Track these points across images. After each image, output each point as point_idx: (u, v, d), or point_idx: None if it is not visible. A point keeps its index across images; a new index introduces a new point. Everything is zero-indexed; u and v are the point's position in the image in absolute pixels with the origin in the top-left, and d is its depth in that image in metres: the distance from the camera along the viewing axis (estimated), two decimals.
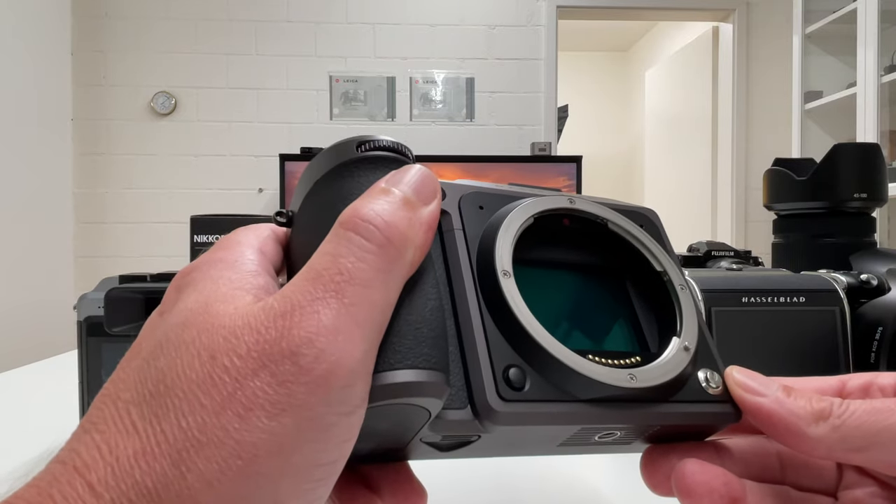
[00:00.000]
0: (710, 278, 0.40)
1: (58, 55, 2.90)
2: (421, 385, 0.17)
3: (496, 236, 0.20)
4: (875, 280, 0.42)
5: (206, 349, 0.16)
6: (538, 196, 0.22)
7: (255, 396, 0.15)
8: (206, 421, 0.15)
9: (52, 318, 2.45)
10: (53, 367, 0.72)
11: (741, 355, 0.38)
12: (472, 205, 0.21)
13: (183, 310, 0.18)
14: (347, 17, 3.33)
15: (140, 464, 0.15)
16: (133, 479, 0.15)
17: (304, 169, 0.21)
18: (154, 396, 0.16)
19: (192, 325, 0.17)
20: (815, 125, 3.07)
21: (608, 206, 0.23)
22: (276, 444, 0.15)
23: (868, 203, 0.68)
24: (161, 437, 0.15)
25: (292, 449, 0.15)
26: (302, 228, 0.20)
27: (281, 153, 3.07)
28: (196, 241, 0.95)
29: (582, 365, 0.19)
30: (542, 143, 3.25)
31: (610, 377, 0.19)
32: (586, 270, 0.23)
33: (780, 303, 0.38)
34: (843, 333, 0.38)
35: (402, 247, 0.17)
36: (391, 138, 0.20)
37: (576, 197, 0.23)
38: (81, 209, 3.19)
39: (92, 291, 0.38)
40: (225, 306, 0.17)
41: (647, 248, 0.23)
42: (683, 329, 0.22)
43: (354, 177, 0.19)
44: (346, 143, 0.20)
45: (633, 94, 5.55)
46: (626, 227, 0.23)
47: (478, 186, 0.22)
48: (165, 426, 0.15)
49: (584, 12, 3.55)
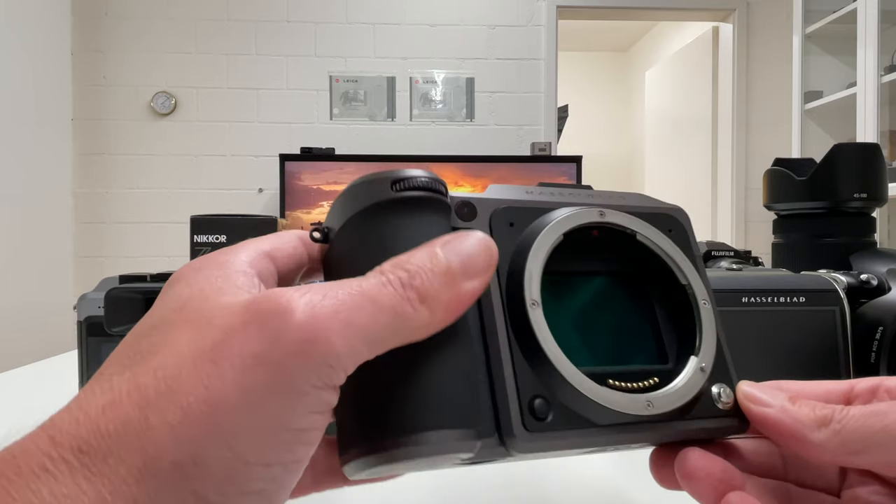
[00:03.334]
0: (710, 278, 0.40)
1: (58, 55, 2.90)
2: (457, 444, 0.18)
3: (525, 262, 0.21)
4: (875, 280, 0.42)
5: (203, 317, 0.17)
6: (569, 208, 0.22)
7: (236, 347, 0.16)
8: (181, 370, 0.16)
9: (52, 318, 2.45)
10: (53, 367, 0.72)
11: (741, 355, 0.38)
12: (503, 223, 0.21)
13: (178, 295, 0.18)
14: (347, 17, 3.33)
15: (107, 413, 0.16)
16: (96, 425, 0.15)
17: (341, 194, 0.21)
18: (138, 359, 0.17)
19: (189, 307, 0.18)
20: (815, 125, 3.06)
21: (638, 212, 0.24)
22: (244, 397, 0.15)
23: (868, 203, 0.68)
24: (133, 387, 0.16)
25: (259, 404, 0.15)
26: (338, 260, 0.21)
27: (281, 153, 3.07)
28: (196, 241, 0.95)
29: (601, 395, 0.20)
30: (542, 143, 3.25)
31: (628, 406, 0.20)
32: (614, 279, 0.23)
33: (780, 303, 0.38)
34: (843, 333, 0.38)
35: (426, 313, 0.17)
36: (425, 174, 0.20)
37: (606, 208, 0.23)
38: (81, 209, 3.19)
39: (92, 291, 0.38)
40: (223, 292, 0.18)
41: (672, 260, 0.23)
42: (702, 348, 0.23)
43: (390, 222, 0.19)
44: (380, 180, 0.20)
45: (633, 95, 5.55)
46: (654, 239, 0.23)
47: (509, 200, 0.22)
48: (141, 377, 0.16)
49: (584, 12, 3.55)
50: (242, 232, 0.97)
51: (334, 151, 3.13)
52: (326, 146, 3.18)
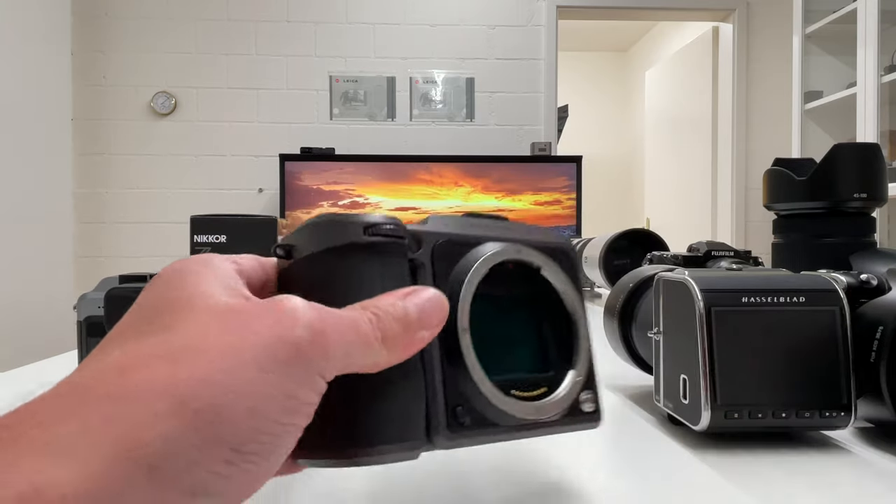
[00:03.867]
0: (710, 278, 0.40)
1: (58, 55, 2.91)
2: (404, 454, 0.23)
3: (460, 293, 0.26)
4: (875, 280, 0.42)
5: (222, 304, 0.20)
6: (494, 244, 0.28)
7: (259, 328, 0.19)
8: (208, 340, 0.19)
9: (52, 318, 2.45)
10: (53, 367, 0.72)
11: (741, 355, 0.38)
12: (443, 257, 0.26)
13: (183, 288, 0.21)
14: (347, 17, 3.33)
15: (129, 371, 0.18)
16: (119, 379, 0.18)
17: (309, 223, 0.24)
18: (155, 331, 0.19)
19: (202, 297, 0.20)
20: (815, 125, 3.07)
21: (542, 247, 0.29)
22: (262, 365, 0.18)
23: (868, 203, 0.68)
24: (160, 350, 0.18)
25: (273, 373, 0.19)
26: (303, 283, 0.24)
27: (281, 153, 3.07)
28: (196, 241, 0.95)
29: (506, 404, 0.26)
30: (542, 143, 3.25)
31: (524, 412, 0.27)
32: (520, 302, 0.29)
33: (780, 303, 0.38)
34: (842, 333, 0.38)
35: (385, 352, 0.21)
36: (391, 221, 0.24)
37: (522, 244, 0.28)
38: (81, 209, 3.19)
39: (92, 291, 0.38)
40: (231, 290, 0.21)
41: (564, 291, 0.30)
42: (578, 362, 0.29)
43: (360, 262, 0.24)
44: (354, 224, 0.24)
45: (633, 95, 5.55)
46: (553, 272, 0.29)
47: (447, 233, 0.27)
48: (167, 343, 0.19)
49: (584, 12, 3.55)
50: (242, 232, 0.97)
51: (334, 151, 3.13)
52: (326, 146, 3.18)
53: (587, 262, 1.31)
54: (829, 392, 0.38)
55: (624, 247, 1.19)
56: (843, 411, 0.38)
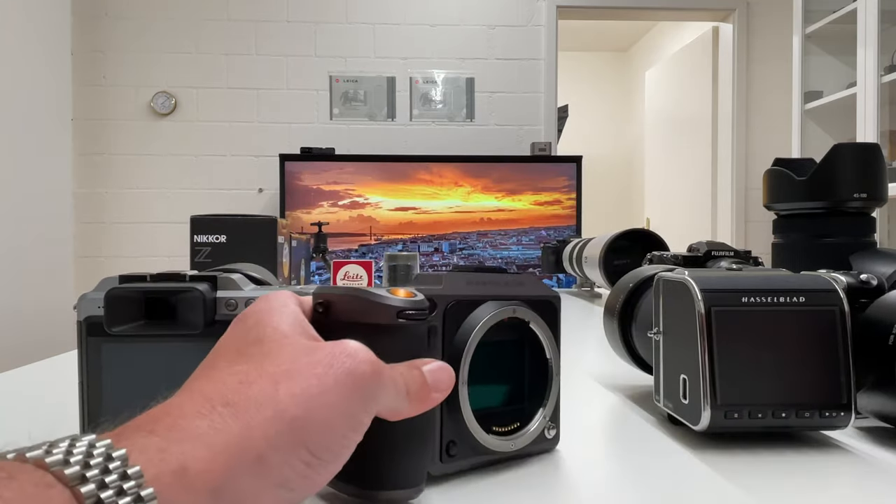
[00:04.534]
0: (710, 278, 0.40)
1: (58, 55, 2.90)
2: (412, 494, 0.30)
3: (463, 349, 0.33)
4: (875, 280, 0.42)
5: (309, 343, 0.26)
6: (494, 303, 0.35)
7: (337, 362, 0.25)
8: (300, 367, 0.24)
9: (52, 318, 2.45)
10: (53, 367, 0.72)
11: (741, 355, 0.38)
12: (452, 318, 0.33)
13: (273, 329, 0.27)
14: (347, 17, 3.33)
15: (243, 386, 0.23)
16: (236, 390, 0.23)
17: (350, 294, 0.30)
18: (257, 358, 0.25)
19: (288, 336, 0.26)
20: (815, 125, 3.06)
21: (532, 300, 0.37)
22: (339, 390, 0.24)
23: (868, 203, 0.68)
24: (263, 372, 0.24)
25: (345, 397, 0.24)
26: (341, 336, 0.29)
27: (281, 153, 3.07)
28: (196, 240, 0.95)
29: (487, 440, 0.34)
30: (542, 143, 3.25)
31: (501, 446, 0.35)
32: (509, 347, 0.36)
33: (780, 303, 0.38)
34: (842, 333, 0.38)
35: (406, 404, 0.27)
36: (420, 302, 0.30)
37: (516, 303, 0.36)
38: (81, 209, 3.19)
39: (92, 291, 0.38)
40: (307, 332, 0.28)
41: (545, 340, 0.37)
42: (548, 402, 0.37)
43: (390, 338, 0.29)
44: (389, 307, 0.29)
45: (633, 94, 5.55)
46: (538, 324, 0.37)
47: (458, 296, 0.33)
48: (267, 367, 0.24)
49: (584, 12, 3.55)
50: (242, 232, 0.97)
51: (334, 151, 3.13)
52: (326, 146, 3.18)
53: (587, 261, 1.31)
54: (828, 392, 0.38)
55: (624, 247, 1.19)
56: (842, 411, 0.38)
